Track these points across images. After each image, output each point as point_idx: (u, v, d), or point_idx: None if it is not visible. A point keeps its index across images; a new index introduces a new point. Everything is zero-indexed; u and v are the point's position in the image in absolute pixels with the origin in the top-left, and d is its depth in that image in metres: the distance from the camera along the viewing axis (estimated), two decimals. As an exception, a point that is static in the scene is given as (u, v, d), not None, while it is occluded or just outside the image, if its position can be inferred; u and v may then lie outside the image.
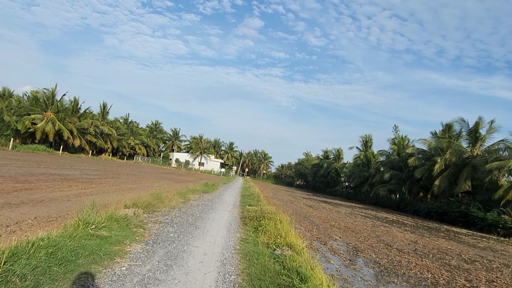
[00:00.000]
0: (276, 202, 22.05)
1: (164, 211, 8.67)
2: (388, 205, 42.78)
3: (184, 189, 16.09)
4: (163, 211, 8.65)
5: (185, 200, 11.83)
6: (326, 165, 71.66)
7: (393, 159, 42.97)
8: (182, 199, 11.75)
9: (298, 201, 28.95)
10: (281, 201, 25.60)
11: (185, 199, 12.05)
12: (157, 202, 8.80)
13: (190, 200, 12.35)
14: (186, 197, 12.60)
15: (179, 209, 9.68)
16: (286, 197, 33.34)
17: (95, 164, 33.72)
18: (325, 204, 32.04)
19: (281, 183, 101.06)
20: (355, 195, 56.54)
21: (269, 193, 35.20)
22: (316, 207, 25.03)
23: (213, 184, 25.44)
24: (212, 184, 25.16)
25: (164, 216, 8.10)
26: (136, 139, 79.97)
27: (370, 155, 53.54)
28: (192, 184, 26.25)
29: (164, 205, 9.07)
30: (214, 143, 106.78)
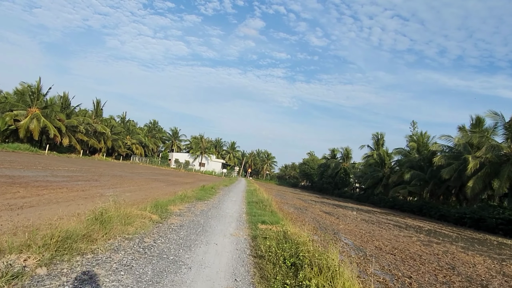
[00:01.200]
0: (289, 210, 17.89)
1: (102, 250, 4.46)
2: (407, 209, 38.52)
3: (172, 197, 11.96)
4: (100, 249, 4.44)
5: (163, 217, 7.62)
6: (333, 165, 67.33)
7: (413, 158, 38.66)
8: (158, 215, 7.55)
9: (312, 207, 24.76)
10: (293, 207, 21.45)
11: (164, 215, 7.85)
12: (96, 230, 4.63)
13: (172, 216, 8.14)
14: (167, 210, 8.41)
15: (140, 239, 5.46)
16: (296, 201, 29.16)
17: (80, 165, 29.77)
18: (341, 209, 27.83)
19: (285, 184, 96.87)
20: (368, 197, 52.23)
21: (276, 196, 31.06)
22: (335, 214, 20.84)
23: (212, 187, 21.32)
24: (211, 187, 21.04)
25: (85, 268, 3.81)
26: (133, 138, 75.92)
27: (384, 154, 49.23)
28: (188, 186, 22.28)
29: (109, 235, 4.89)
30: (216, 143, 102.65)
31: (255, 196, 18.20)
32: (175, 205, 9.56)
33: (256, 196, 18.58)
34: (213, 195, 16.10)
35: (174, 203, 9.79)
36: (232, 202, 14.42)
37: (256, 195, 19.00)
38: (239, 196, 18.78)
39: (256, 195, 19.00)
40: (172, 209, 8.72)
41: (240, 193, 21.89)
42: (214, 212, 10.20)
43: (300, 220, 14.22)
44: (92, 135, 56.78)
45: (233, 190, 24.80)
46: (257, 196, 18.47)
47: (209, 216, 9.28)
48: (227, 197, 16.34)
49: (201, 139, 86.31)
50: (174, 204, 9.67)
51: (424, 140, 41.17)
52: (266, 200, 14.46)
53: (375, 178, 48.32)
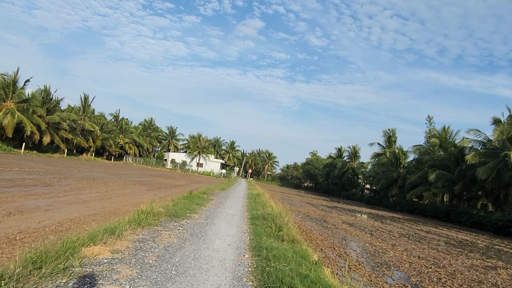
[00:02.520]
0: (306, 224, 13.23)
1: None
2: (430, 214, 33.85)
3: (128, 214, 7.32)
4: None
5: None
6: (340, 164, 62.59)
7: (437, 155, 33.91)
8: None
9: (330, 216, 20.07)
10: (309, 218, 16.80)
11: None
12: None
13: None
14: (70, 258, 3.69)
15: None
16: (307, 207, 24.50)
17: (56, 165, 25.31)
18: (361, 216, 23.18)
19: (288, 185, 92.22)
20: (380, 200, 47.52)
21: (283, 202, 26.41)
22: (362, 226, 16.17)
23: (203, 193, 16.65)
24: (202, 193, 16.36)
25: None
26: (126, 137, 71.20)
27: (399, 152, 44.53)
28: (176, 191, 17.88)
29: None
30: (214, 142, 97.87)
31: (260, 206, 13.51)
32: (111, 240, 4.85)
33: (262, 205, 13.89)
34: (201, 206, 11.38)
35: (111, 233, 5.08)
36: (228, 219, 9.69)
37: (262, 204, 14.32)
38: (238, 206, 14.06)
39: (262, 204, 14.32)
40: (88, 255, 4.00)
41: (240, 200, 17.13)
42: (185, 257, 5.31)
43: (331, 245, 9.54)
44: (79, 133, 52.07)
45: (231, 195, 20.09)
46: (263, 205, 13.77)
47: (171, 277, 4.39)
48: (221, 210, 11.62)
49: (199, 138, 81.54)
50: (111, 236, 4.96)
51: (447, 135, 36.45)
52: (278, 214, 9.77)
53: (389, 179, 43.61)
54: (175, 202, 10.81)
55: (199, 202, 12.04)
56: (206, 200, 13.72)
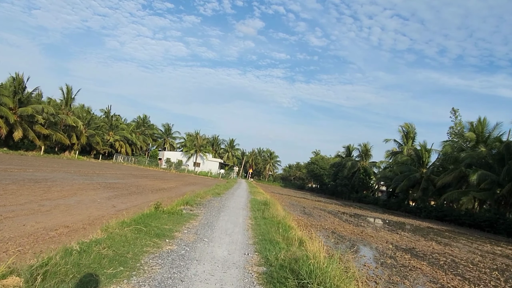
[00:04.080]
0: (357, 259, 7.71)
1: None
2: (467, 222, 28.31)
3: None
4: None
5: None
6: (350, 164, 56.96)
7: (477, 152, 28.29)
8: None
9: (365, 232, 14.48)
10: (341, 238, 11.30)
11: None
12: None
13: None
14: None
15: None
16: (326, 218, 18.95)
17: (7, 164, 20.04)
18: (408, 234, 17.64)
19: (290, 186, 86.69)
20: (399, 204, 41.91)
21: (294, 209, 20.86)
22: (426, 254, 10.65)
23: (186, 202, 11.18)
24: (185, 203, 10.88)
25: None
26: (116, 134, 65.56)
27: (422, 150, 38.90)
28: (156, 197, 14.91)
29: None
30: (213, 141, 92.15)
31: (277, 231, 7.92)
32: None
33: (276, 225, 8.35)
34: (162, 239, 5.75)
35: None
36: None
37: (276, 224, 8.80)
38: (237, 233, 7.92)
39: (276, 224, 8.80)
40: None
41: (241, 217, 11.27)
42: None
43: None
44: (59, 129, 46.47)
45: (228, 205, 14.42)
46: (280, 228, 8.19)
47: None
48: (202, 249, 5.95)
49: (196, 136, 75.82)
50: None
51: (484, 128, 30.82)
52: (331, 275, 4.28)
53: (410, 180, 38.01)
54: (109, 233, 5.24)
55: (164, 230, 6.41)
56: (182, 220, 8.09)
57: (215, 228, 7.78)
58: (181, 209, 9.62)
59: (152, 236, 5.67)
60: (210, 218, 9.40)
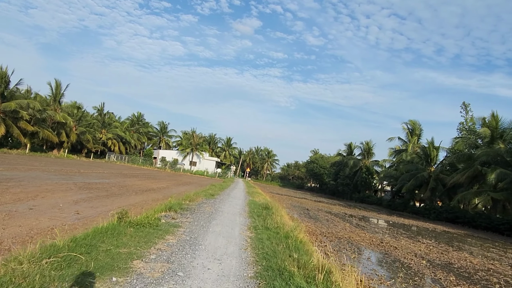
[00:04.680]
0: None
1: None
2: (483, 225, 26.18)
3: None
4: None
5: None
6: (352, 162, 54.76)
7: (494, 149, 26.07)
8: None
9: (386, 240, 12.26)
10: (357, 249, 9.10)
11: None
12: None
13: None
14: None
15: None
16: (334, 222, 16.76)
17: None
18: (418, 237, 15.43)
19: (289, 186, 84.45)
20: (405, 204, 39.75)
21: (298, 212, 18.65)
22: (473, 275, 8.47)
23: (169, 208, 9.00)
24: (168, 208, 8.70)
25: None
26: (109, 132, 63.04)
27: (429, 147, 36.72)
28: (140, 199, 13.10)
29: None
30: (209, 139, 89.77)
31: (281, 245, 5.73)
32: None
33: (285, 244, 6.13)
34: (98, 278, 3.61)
35: None
36: None
37: (284, 240, 6.58)
38: (231, 255, 5.93)
39: (284, 240, 6.58)
40: None
41: (237, 227, 8.63)
42: None
43: None
44: (47, 126, 44.08)
45: (222, 210, 12.12)
46: (291, 246, 5.98)
47: None
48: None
49: (193, 135, 73.36)
50: None
51: (498, 124, 28.65)
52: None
53: (418, 179, 35.84)
54: (6, 273, 2.99)
55: (116, 258, 4.13)
56: (155, 235, 5.77)
57: (199, 249, 5.50)
58: (159, 217, 7.35)
59: (87, 275, 3.38)
60: (196, 230, 7.10)
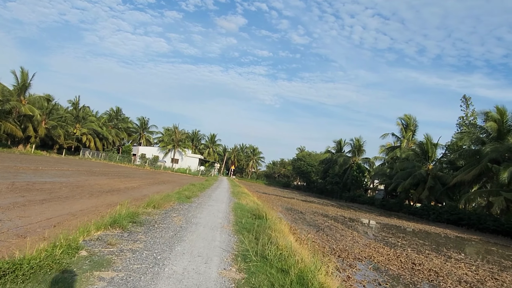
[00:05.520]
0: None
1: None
2: (490, 228, 23.88)
3: None
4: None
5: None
6: (342, 160, 52.29)
7: (506, 145, 23.66)
8: None
9: (399, 252, 9.39)
10: (391, 279, 6.20)
11: None
12: None
13: None
14: None
15: None
16: (339, 231, 13.88)
17: None
18: (443, 249, 12.68)
19: (275, 184, 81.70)
20: (400, 204, 37.37)
21: (290, 214, 15.69)
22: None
23: (115, 222, 5.67)
24: (112, 222, 5.41)
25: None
26: (84, 127, 58.72)
27: (427, 143, 34.37)
28: (79, 206, 7.17)
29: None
30: (193, 136, 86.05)
31: None
32: None
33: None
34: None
35: None
36: None
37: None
38: None
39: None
40: None
41: (216, 253, 5.90)
42: None
43: None
44: (11, 119, 39.87)
45: (198, 219, 8.88)
46: None
47: None
48: None
49: (175, 130, 69.53)
50: None
51: (504, 118, 26.36)
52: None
53: (415, 178, 33.45)
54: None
55: None
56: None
57: None
58: (82, 244, 4.16)
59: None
60: (140, 271, 3.93)
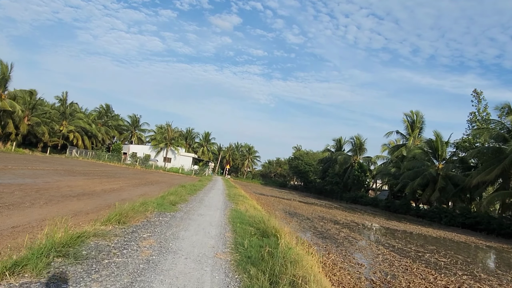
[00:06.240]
0: None
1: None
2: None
3: None
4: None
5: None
6: (342, 159, 49.95)
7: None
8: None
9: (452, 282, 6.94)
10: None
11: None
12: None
13: None
14: None
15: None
16: (368, 249, 11.40)
17: None
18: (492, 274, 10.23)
19: (271, 184, 79.21)
20: (407, 206, 35.07)
21: (296, 220, 13.21)
22: None
23: (51, 248, 3.04)
24: (48, 249, 2.77)
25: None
26: (71, 124, 55.63)
27: (437, 140, 32.07)
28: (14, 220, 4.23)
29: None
30: (186, 134, 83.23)
31: None
32: None
33: None
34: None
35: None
36: None
37: None
38: None
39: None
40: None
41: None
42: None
43: None
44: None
45: (180, 242, 6.43)
46: None
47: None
48: None
49: (168, 128, 66.63)
50: None
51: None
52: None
53: (425, 178, 31.17)
54: None
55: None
56: None
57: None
58: None
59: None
60: None
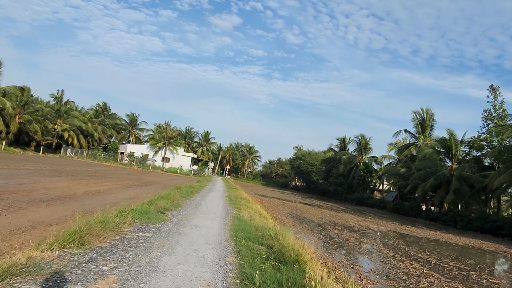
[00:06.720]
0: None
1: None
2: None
3: None
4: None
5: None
6: (347, 159, 48.03)
7: None
8: None
9: None
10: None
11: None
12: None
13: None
14: None
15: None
16: (407, 269, 9.46)
17: None
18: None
19: (272, 184, 77.34)
20: (417, 209, 33.17)
21: (305, 226, 11.37)
22: None
23: None
24: None
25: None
26: (66, 123, 53.69)
27: (450, 139, 30.18)
28: None
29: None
30: (185, 133, 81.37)
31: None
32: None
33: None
34: None
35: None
36: None
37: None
38: None
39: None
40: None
41: None
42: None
43: None
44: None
45: (156, 283, 4.58)
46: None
47: None
48: None
49: (167, 127, 64.72)
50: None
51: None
52: None
53: (438, 179, 29.27)
54: None
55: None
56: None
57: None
58: None
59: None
60: None
